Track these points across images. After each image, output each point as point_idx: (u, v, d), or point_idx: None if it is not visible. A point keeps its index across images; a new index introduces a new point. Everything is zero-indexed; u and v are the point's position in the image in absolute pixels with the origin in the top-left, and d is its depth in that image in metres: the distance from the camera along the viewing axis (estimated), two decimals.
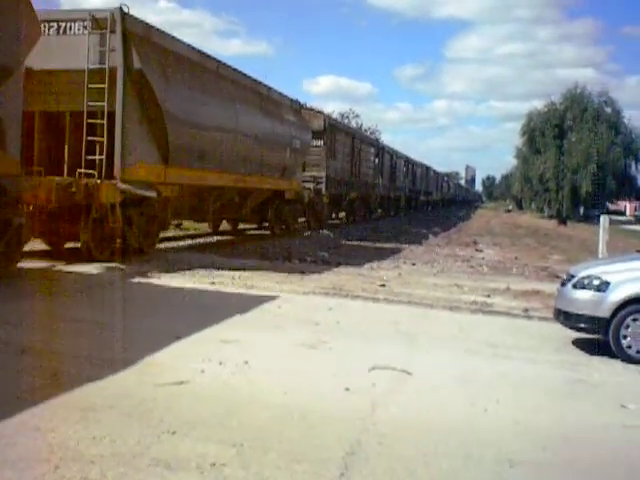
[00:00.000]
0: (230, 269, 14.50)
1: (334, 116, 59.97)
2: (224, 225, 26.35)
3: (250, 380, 6.55)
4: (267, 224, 26.39)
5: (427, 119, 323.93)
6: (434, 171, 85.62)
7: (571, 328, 9.09)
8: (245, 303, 10.66)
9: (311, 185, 29.28)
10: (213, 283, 12.58)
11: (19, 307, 9.46)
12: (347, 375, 6.88)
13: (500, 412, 6.12)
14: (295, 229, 27.85)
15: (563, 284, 9.33)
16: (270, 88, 23.22)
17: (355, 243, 24.78)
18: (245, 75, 21.03)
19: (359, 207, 41.20)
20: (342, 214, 40.24)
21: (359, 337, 8.84)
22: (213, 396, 6.05)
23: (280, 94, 24.63)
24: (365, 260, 18.54)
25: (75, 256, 14.48)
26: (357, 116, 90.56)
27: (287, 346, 8.06)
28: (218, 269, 14.45)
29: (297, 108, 26.93)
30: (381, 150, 46.79)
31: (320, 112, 32.65)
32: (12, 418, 5.19)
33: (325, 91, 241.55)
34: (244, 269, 14.56)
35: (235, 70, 20.23)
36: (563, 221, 61.18)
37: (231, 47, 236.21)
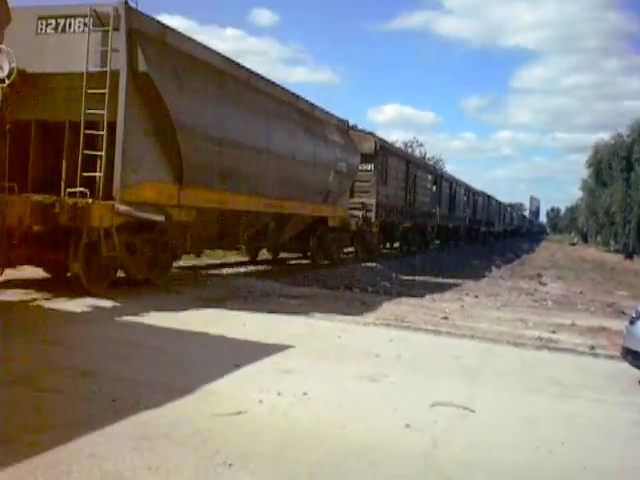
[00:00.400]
0: (289, 296, 14.48)
1: (398, 145, 59.73)
2: (264, 254, 25.36)
3: (309, 412, 6.44)
4: (309, 253, 24.96)
5: (491, 149, 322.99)
6: (496, 201, 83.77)
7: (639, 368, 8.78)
8: (305, 331, 10.57)
9: (360, 213, 27.32)
10: (272, 312, 12.51)
11: None
12: (408, 410, 6.71)
13: (566, 455, 5.89)
14: (340, 259, 26.20)
15: (632, 322, 9.02)
16: (314, 105, 21.57)
17: (409, 278, 23.81)
18: (284, 89, 19.25)
19: (414, 237, 38.85)
20: (396, 244, 38.02)
21: (420, 371, 8.66)
22: (271, 427, 5.94)
23: (326, 112, 22.94)
24: (426, 292, 18.35)
25: (69, 287, 12.73)
26: (421, 145, 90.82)
27: (347, 378, 7.93)
28: (278, 296, 14.45)
29: (344, 128, 25.05)
30: (439, 177, 44.78)
31: (371, 133, 30.14)
32: (69, 443, 5.17)
33: (389, 120, 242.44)
34: (305, 297, 14.50)
35: (272, 83, 18.41)
36: (629, 255, 59.87)
37: (296, 74, 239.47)
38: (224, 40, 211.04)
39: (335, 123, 23.74)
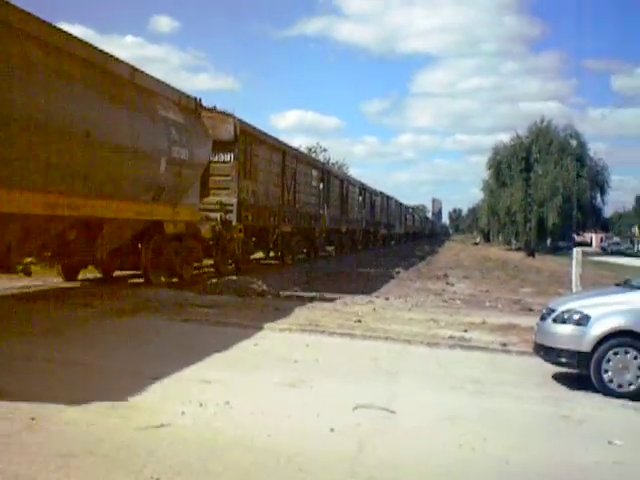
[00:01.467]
0: (201, 305, 14.37)
1: (302, 149, 59.87)
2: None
3: (233, 421, 6.42)
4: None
5: (394, 153, 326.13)
6: (397, 202, 79.37)
7: (552, 363, 9.07)
8: (220, 340, 10.52)
9: (217, 215, 21.37)
10: (187, 320, 12.42)
11: None
12: (331, 415, 6.77)
13: (488, 451, 6.05)
14: (195, 276, 20.41)
15: (543, 318, 9.32)
16: (137, 70, 15.44)
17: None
18: (81, 42, 13.28)
19: (297, 244, 32.69)
20: (274, 253, 31.27)
21: (339, 375, 8.74)
22: (196, 439, 5.90)
23: (159, 82, 16.91)
24: (338, 295, 18.48)
25: None
26: (324, 150, 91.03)
27: (268, 385, 7.94)
28: (191, 305, 14.32)
29: (190, 106, 18.81)
30: (327, 174, 38.35)
31: (230, 115, 22.74)
32: None
33: (292, 125, 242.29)
34: (217, 306, 14.41)
35: (54, 28, 12.31)
36: (531, 253, 61.65)
37: (199, 81, 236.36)
38: (125, 48, 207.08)
39: (174, 97, 17.65)
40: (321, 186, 36.48)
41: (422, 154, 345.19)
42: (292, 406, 7.11)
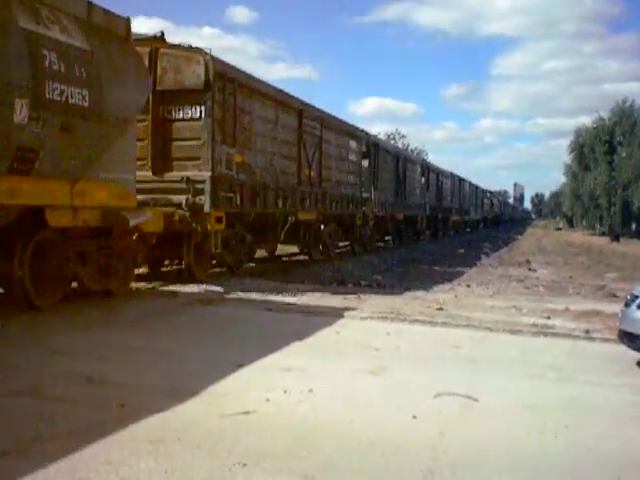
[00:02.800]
0: (286, 294, 14.55)
1: (380, 136, 59.59)
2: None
3: (316, 408, 6.50)
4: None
5: (473, 138, 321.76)
6: (470, 184, 72.64)
7: (636, 350, 8.88)
8: (304, 328, 10.64)
9: (182, 198, 15.34)
10: (269, 309, 12.59)
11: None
12: (412, 402, 6.79)
13: (570, 439, 5.97)
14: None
15: (627, 305, 9.12)
16: None
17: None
18: None
19: (331, 235, 26.22)
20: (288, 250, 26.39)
21: (421, 362, 8.75)
22: (280, 425, 6.00)
23: None
24: (418, 282, 18.45)
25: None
26: (403, 136, 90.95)
27: (350, 373, 8.00)
28: (274, 293, 14.53)
29: (110, 27, 12.37)
30: (373, 148, 31.16)
31: (199, 51, 15.69)
32: (83, 451, 5.21)
33: (371, 112, 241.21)
34: (301, 294, 14.57)
35: None
36: (616, 238, 60.18)
37: (276, 71, 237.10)
38: (202, 39, 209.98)
39: (73, 9, 11.43)
40: (365, 163, 29.85)
41: (502, 138, 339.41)
42: (374, 393, 7.16)
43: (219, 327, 10.93)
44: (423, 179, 43.47)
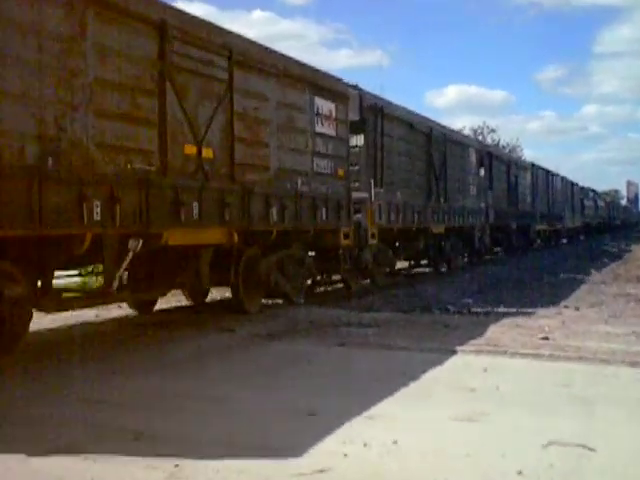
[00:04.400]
0: (360, 325, 14.58)
1: (465, 132, 59.58)
2: None
3: (402, 465, 6.49)
4: None
5: (576, 128, 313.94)
6: (573, 184, 70.54)
7: None
8: (384, 367, 10.64)
9: None
10: (342, 344, 12.62)
11: None
12: (517, 454, 6.72)
13: None
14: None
15: None
16: None
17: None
18: None
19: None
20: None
21: (525, 405, 8.65)
22: None
23: None
24: (518, 306, 18.27)
25: None
26: (493, 131, 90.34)
27: (441, 420, 7.96)
28: (346, 325, 14.57)
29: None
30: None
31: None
32: None
33: (452, 103, 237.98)
34: (377, 325, 14.58)
35: None
36: None
37: (341, 58, 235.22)
38: (252, 25, 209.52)
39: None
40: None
41: (610, 128, 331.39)
42: (471, 444, 7.11)
43: (284, 367, 11.00)
44: (481, 170, 36.25)
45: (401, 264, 29.15)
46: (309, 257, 19.55)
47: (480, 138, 74.96)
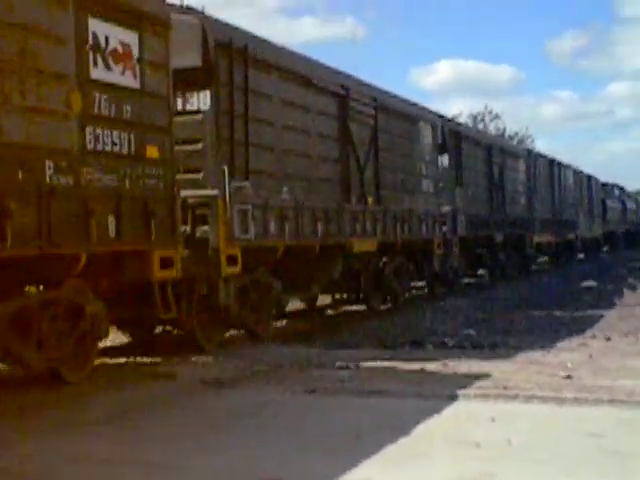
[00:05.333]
0: (335, 367, 14.54)
1: (462, 120, 59.49)
2: None
3: None
4: None
5: (600, 112, 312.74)
6: (590, 179, 66.12)
7: None
8: (366, 419, 10.61)
9: None
10: (313, 391, 12.57)
11: None
12: None
13: None
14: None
15: None
16: None
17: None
18: None
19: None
20: None
21: (544, 463, 8.61)
22: None
23: None
24: (533, 337, 18.32)
25: None
26: (497, 117, 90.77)
27: None
28: (317, 367, 14.53)
29: None
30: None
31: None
32: None
33: (445, 82, 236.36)
34: (356, 366, 14.56)
35: None
36: None
37: (303, 29, 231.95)
38: None
39: None
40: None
41: None
42: None
43: (238, 422, 10.93)
44: (444, 158, 32.18)
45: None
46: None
47: (481, 126, 75.29)
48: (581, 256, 62.68)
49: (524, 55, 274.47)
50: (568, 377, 13.06)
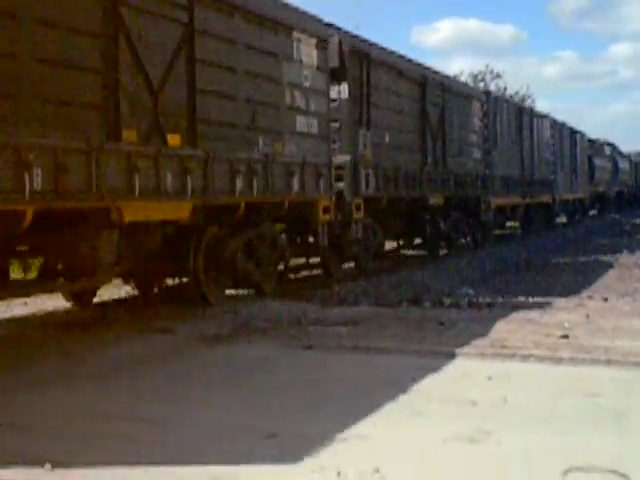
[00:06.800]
0: (333, 323, 14.54)
1: (463, 79, 58.37)
2: None
3: None
4: None
5: (603, 73, 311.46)
6: (573, 133, 59.20)
7: None
8: (363, 376, 10.63)
9: None
10: (310, 347, 12.59)
11: None
12: None
13: None
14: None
15: None
16: None
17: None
18: None
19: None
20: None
21: (540, 422, 8.63)
22: None
23: None
24: (530, 297, 18.32)
25: None
26: (498, 76, 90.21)
27: (434, 442, 7.94)
28: (315, 323, 14.53)
29: None
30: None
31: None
32: None
33: (447, 41, 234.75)
34: (354, 322, 14.55)
35: None
36: None
37: None
38: None
39: None
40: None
41: None
42: (471, 472, 7.11)
43: (235, 377, 10.94)
44: (343, 92, 24.01)
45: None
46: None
47: (482, 85, 74.84)
48: (563, 220, 58.20)
49: (527, 15, 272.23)
50: (565, 336, 13.05)
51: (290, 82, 19.12)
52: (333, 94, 22.03)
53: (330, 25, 21.93)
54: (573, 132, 58.92)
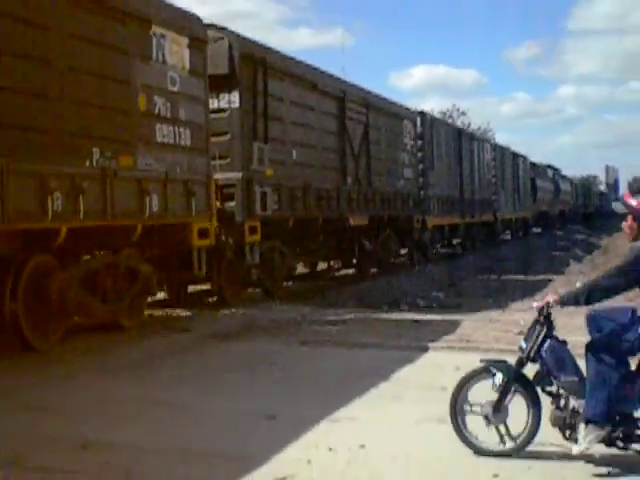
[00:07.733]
0: (324, 323, 14.54)
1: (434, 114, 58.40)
2: None
3: (371, 471, 6.45)
4: None
5: (552, 111, 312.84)
6: (515, 156, 55.45)
7: None
8: (351, 367, 10.61)
9: None
10: (305, 342, 12.57)
11: None
12: (494, 457, 6.71)
13: None
14: None
15: None
16: None
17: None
18: None
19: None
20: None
21: None
22: None
23: None
24: (491, 300, 18.34)
25: None
26: (463, 113, 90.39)
27: (411, 422, 7.93)
28: (309, 323, 14.53)
29: None
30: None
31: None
32: None
33: (420, 85, 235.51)
34: (343, 322, 14.55)
35: None
36: None
37: (299, 38, 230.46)
38: (205, 2, 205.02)
39: None
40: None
41: (588, 109, 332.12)
42: (442, 446, 7.08)
43: (241, 369, 10.90)
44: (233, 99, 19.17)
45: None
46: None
47: (450, 121, 74.90)
48: (507, 237, 55.59)
49: (487, 61, 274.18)
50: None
51: (147, 84, 13.92)
52: (222, 103, 17.88)
53: (213, 26, 17.55)
54: (516, 155, 55.89)
